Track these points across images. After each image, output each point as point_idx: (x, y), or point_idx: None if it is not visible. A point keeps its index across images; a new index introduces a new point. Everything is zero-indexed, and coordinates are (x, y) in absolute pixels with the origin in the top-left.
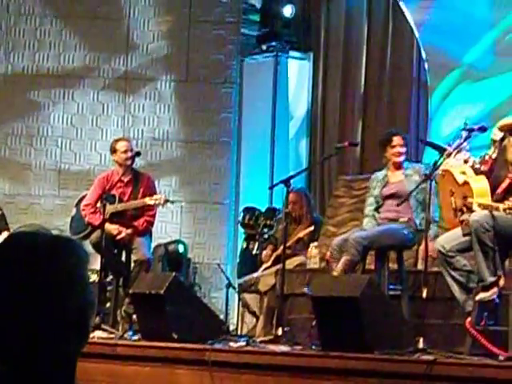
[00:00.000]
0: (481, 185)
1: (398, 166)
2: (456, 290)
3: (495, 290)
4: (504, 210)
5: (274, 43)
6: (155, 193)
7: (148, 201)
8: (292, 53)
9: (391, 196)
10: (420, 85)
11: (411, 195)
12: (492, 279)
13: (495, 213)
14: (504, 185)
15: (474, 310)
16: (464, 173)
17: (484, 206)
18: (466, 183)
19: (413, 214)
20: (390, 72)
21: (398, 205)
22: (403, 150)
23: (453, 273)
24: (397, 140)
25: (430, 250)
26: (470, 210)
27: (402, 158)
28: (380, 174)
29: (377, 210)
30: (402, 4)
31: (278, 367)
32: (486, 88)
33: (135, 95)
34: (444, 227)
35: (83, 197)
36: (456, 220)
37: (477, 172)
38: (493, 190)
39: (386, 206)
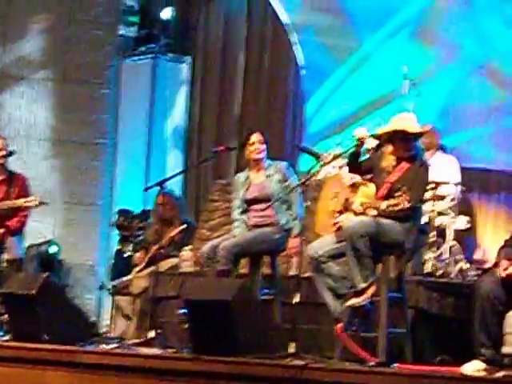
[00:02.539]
0: (369, 189)
1: (259, 165)
2: (327, 295)
3: (367, 296)
4: (387, 206)
5: (152, 45)
6: (29, 194)
7: (23, 203)
8: (170, 55)
9: (255, 200)
10: (296, 93)
11: (273, 196)
12: (364, 285)
13: (371, 219)
14: (384, 190)
15: (345, 316)
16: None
17: (366, 205)
18: (354, 185)
19: (277, 214)
20: (268, 77)
21: (262, 210)
22: (262, 146)
23: (324, 279)
24: (255, 137)
25: (293, 247)
26: (348, 211)
27: (261, 155)
28: (242, 176)
29: (244, 212)
30: (279, 8)
31: (150, 370)
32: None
33: (11, 94)
34: (317, 232)
35: None
36: (330, 223)
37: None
38: None
39: (253, 210)
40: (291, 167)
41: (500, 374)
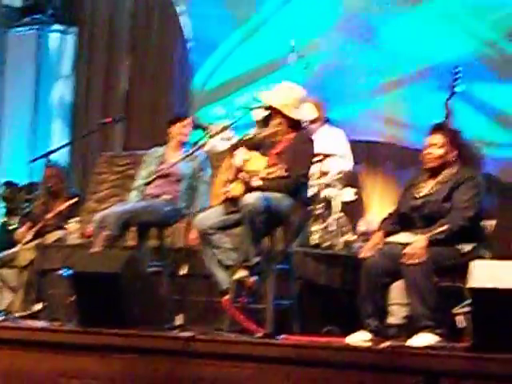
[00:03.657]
0: (261, 160)
1: (179, 147)
2: (214, 267)
3: (256, 270)
4: (267, 174)
5: (37, 16)
6: None
7: None
8: (56, 26)
9: (162, 176)
10: (183, 65)
11: (185, 178)
12: (256, 260)
13: (265, 194)
14: (270, 161)
15: (233, 288)
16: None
17: (251, 173)
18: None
19: (180, 196)
20: (155, 49)
21: (164, 184)
22: (190, 132)
23: (212, 250)
24: (189, 121)
25: (194, 238)
26: (237, 180)
27: (187, 140)
28: (159, 150)
29: (147, 185)
30: None
31: (37, 343)
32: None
33: None
34: (211, 205)
35: None
36: (220, 193)
37: None
38: None
39: (155, 183)
40: (208, 161)
41: (385, 344)
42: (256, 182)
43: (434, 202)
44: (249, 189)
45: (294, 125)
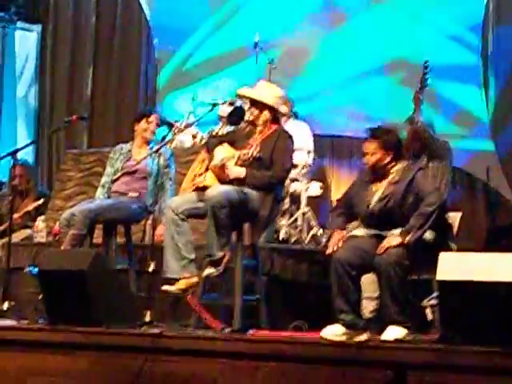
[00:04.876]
0: (230, 151)
1: (145, 144)
2: (170, 252)
3: (222, 265)
4: (242, 155)
5: (1, 14)
6: None
7: None
8: (20, 24)
9: (129, 172)
10: (149, 61)
11: (151, 176)
12: (221, 254)
13: (234, 187)
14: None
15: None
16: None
17: (225, 158)
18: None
19: (147, 193)
20: (120, 47)
21: (131, 181)
22: (156, 129)
23: (175, 235)
24: (154, 117)
25: (160, 234)
26: (208, 170)
27: (152, 137)
28: (125, 147)
29: (114, 182)
30: None
31: (5, 342)
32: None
33: None
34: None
35: None
36: (190, 184)
37: None
38: None
39: (121, 180)
40: (173, 157)
41: (360, 337)
42: (231, 165)
43: (391, 207)
44: (224, 181)
45: (275, 119)
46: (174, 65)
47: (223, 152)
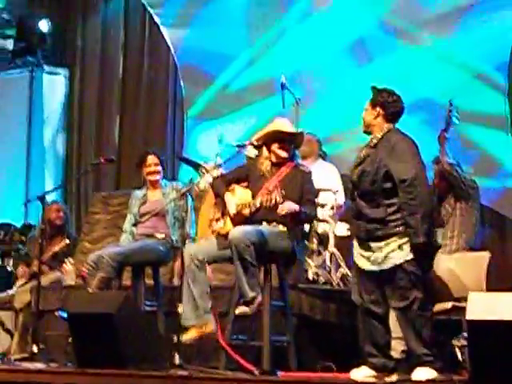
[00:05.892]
0: (245, 193)
1: (156, 185)
2: (186, 299)
3: (255, 304)
4: (261, 202)
5: (29, 58)
6: None
7: None
8: (48, 68)
9: (148, 213)
10: (176, 102)
11: (168, 212)
12: (253, 294)
13: (253, 227)
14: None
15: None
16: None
17: (241, 206)
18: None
19: (170, 230)
20: (147, 89)
21: (153, 222)
22: (158, 168)
23: (192, 285)
24: (151, 159)
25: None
26: (225, 216)
27: (157, 177)
28: (140, 193)
29: (135, 225)
30: (157, 20)
31: None
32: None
33: None
34: (197, 241)
35: None
36: (209, 230)
37: None
38: None
39: (144, 222)
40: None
41: (389, 379)
42: (246, 211)
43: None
44: (247, 221)
45: (292, 158)
46: (200, 106)
47: (234, 198)
